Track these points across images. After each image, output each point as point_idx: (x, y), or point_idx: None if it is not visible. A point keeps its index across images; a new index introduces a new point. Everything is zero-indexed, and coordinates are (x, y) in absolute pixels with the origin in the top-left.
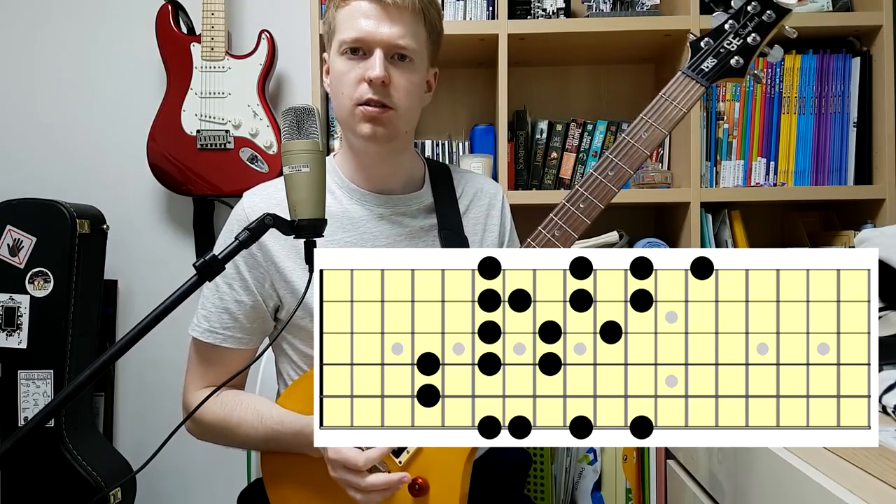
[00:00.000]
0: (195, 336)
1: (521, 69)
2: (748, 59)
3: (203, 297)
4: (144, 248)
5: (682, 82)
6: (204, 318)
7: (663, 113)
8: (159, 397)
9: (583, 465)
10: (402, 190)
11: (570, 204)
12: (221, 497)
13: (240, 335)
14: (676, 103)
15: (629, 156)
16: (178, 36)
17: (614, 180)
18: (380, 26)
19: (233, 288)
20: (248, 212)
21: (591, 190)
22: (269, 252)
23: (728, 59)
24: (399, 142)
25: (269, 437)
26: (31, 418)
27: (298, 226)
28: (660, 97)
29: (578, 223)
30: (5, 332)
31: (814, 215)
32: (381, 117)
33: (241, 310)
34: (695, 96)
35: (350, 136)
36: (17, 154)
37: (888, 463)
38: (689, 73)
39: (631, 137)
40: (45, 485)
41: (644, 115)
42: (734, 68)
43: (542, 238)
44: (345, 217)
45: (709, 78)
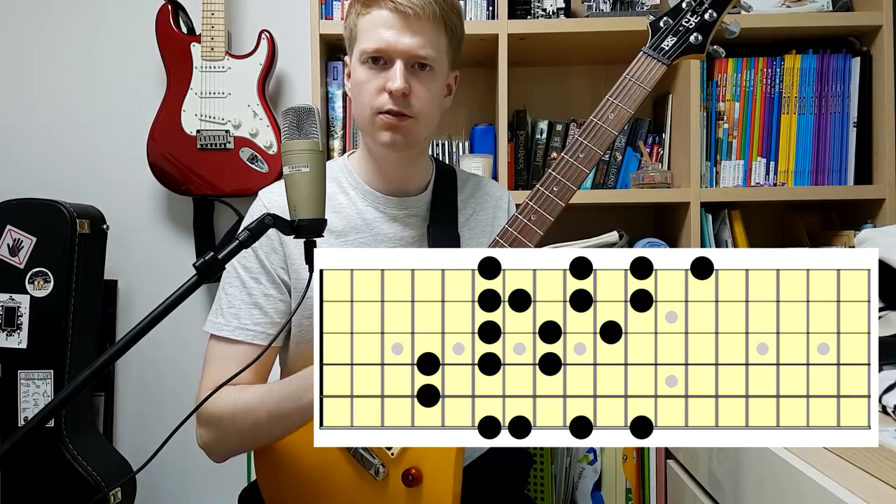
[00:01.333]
0: (225, 335)
1: (521, 69)
2: (707, 34)
3: (227, 296)
4: (144, 248)
5: (644, 62)
6: (233, 316)
7: (627, 93)
8: (159, 397)
9: (583, 465)
10: (416, 192)
11: (544, 188)
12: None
13: (272, 331)
14: (639, 83)
15: (597, 137)
16: (178, 36)
17: (585, 161)
18: (401, 37)
19: (260, 282)
20: (269, 208)
21: (563, 173)
22: (286, 245)
23: (687, 36)
24: (417, 148)
25: (283, 398)
26: (31, 418)
27: (298, 226)
28: (623, 78)
29: (553, 206)
30: (5, 332)
31: (814, 215)
32: (400, 126)
33: (271, 305)
34: (657, 75)
35: (369, 141)
36: (17, 154)
37: (888, 463)
38: (650, 53)
39: (598, 119)
40: (45, 485)
41: (609, 96)
42: (693, 45)
43: (519, 223)
44: (359, 218)
45: (669, 56)
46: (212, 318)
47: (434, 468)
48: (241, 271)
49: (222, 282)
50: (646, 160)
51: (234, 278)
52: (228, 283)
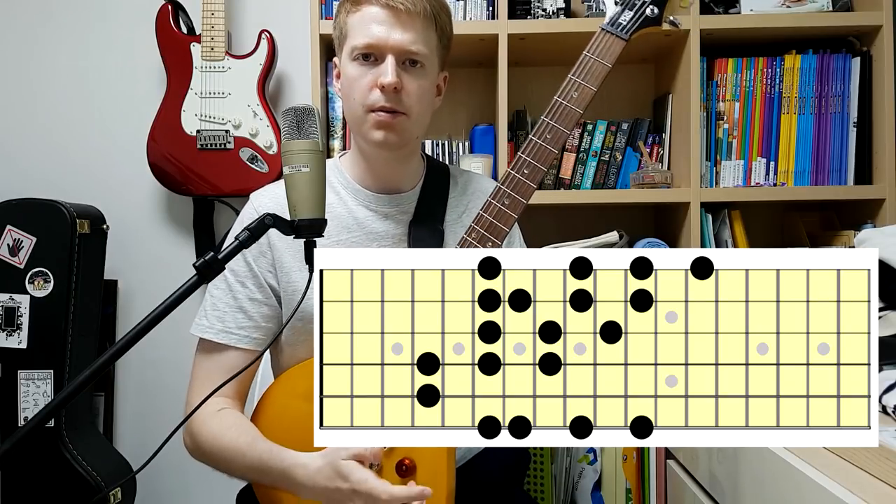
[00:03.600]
0: (208, 338)
1: (521, 69)
2: (661, 7)
3: (213, 298)
4: (144, 248)
5: (604, 39)
6: (217, 319)
7: (590, 70)
8: (159, 397)
9: (583, 465)
10: (407, 189)
11: (514, 171)
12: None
13: (256, 335)
14: (601, 59)
15: (564, 117)
16: (178, 36)
17: (552, 142)
18: (392, 32)
19: (245, 286)
20: (259, 211)
21: (533, 154)
22: (276, 249)
23: (643, 9)
24: (409, 147)
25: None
26: (31, 418)
27: (298, 226)
28: (584, 56)
29: (525, 189)
30: (5, 332)
31: (814, 215)
32: (393, 123)
33: (255, 309)
34: (616, 50)
35: (360, 140)
36: (17, 154)
37: (888, 463)
38: (609, 29)
39: (563, 98)
40: (45, 485)
41: (571, 75)
42: (650, 18)
43: (493, 208)
44: (350, 217)
45: (627, 31)
46: (197, 321)
47: (428, 458)
48: (227, 274)
49: (209, 284)
50: (646, 160)
51: (220, 280)
52: (215, 285)
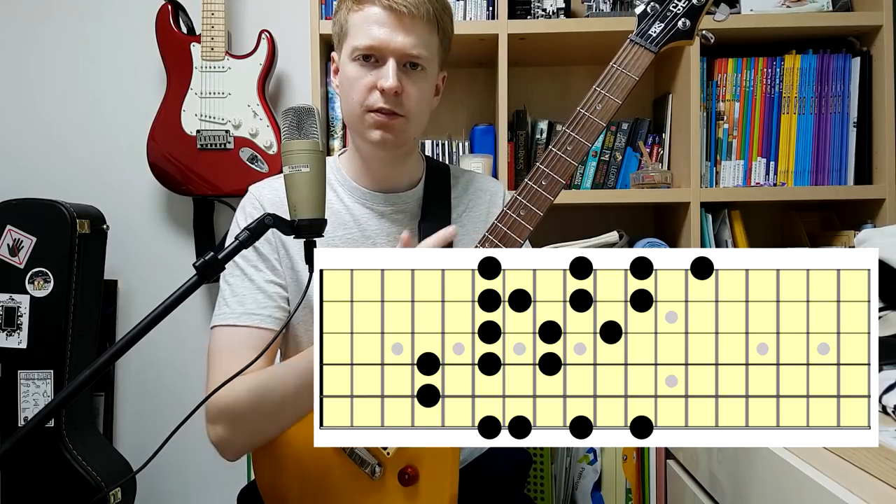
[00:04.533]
0: (230, 323)
1: (521, 69)
2: (695, 20)
3: (230, 287)
4: (144, 248)
5: (632, 50)
6: (238, 304)
7: (616, 82)
8: (159, 397)
9: (583, 465)
10: (405, 189)
11: (532, 182)
12: (221, 497)
13: (277, 314)
14: (628, 72)
15: (586, 129)
16: (178, 36)
17: (573, 154)
18: (394, 35)
19: (259, 269)
20: (261, 201)
21: (552, 166)
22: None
23: (675, 22)
24: (407, 147)
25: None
26: (31, 418)
27: (298, 226)
28: (610, 67)
29: (542, 201)
30: (5, 332)
31: (814, 215)
32: (391, 124)
33: (273, 289)
34: (645, 63)
35: (358, 139)
36: (17, 154)
37: (888, 463)
38: (638, 41)
39: (586, 110)
40: (45, 485)
41: (597, 86)
42: (682, 31)
43: (509, 219)
44: (347, 214)
45: (657, 43)
46: (217, 312)
47: (430, 467)
48: (239, 261)
49: (222, 277)
50: (646, 160)
51: (233, 268)
52: (230, 274)
